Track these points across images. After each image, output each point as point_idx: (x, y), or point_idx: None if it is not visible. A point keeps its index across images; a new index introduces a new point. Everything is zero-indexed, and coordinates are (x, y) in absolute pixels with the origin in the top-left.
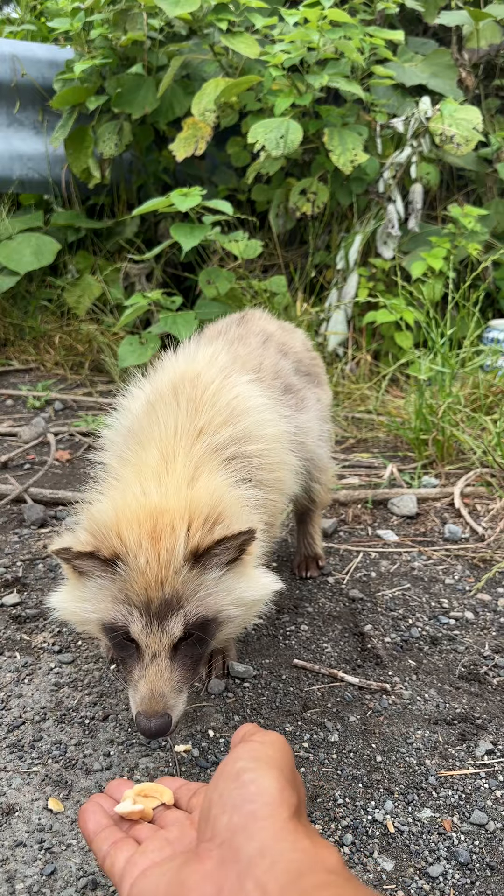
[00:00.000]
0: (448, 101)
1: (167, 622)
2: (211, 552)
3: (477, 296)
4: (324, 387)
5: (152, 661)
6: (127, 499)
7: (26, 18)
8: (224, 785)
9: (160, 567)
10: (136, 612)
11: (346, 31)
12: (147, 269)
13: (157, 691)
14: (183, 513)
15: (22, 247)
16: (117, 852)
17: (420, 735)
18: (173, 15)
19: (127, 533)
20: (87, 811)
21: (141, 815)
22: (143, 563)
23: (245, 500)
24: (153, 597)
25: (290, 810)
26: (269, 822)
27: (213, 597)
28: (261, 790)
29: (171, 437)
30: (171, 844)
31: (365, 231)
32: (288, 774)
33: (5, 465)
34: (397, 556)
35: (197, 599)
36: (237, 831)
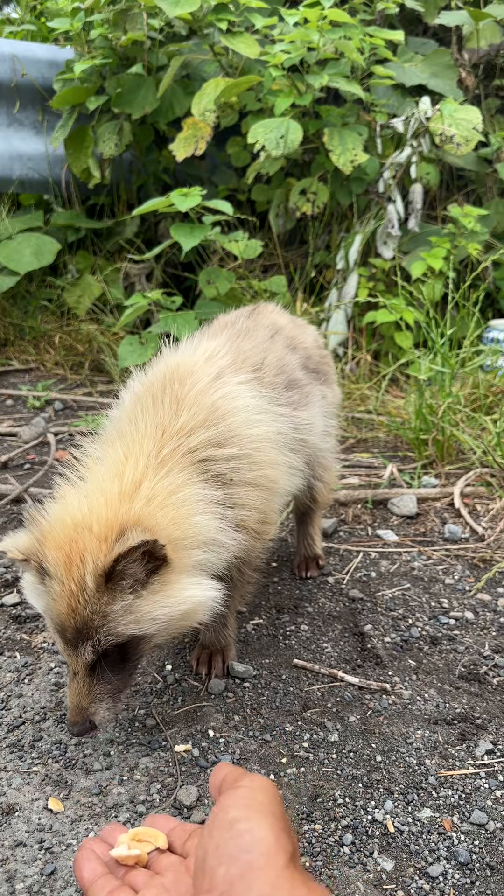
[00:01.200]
0: (448, 101)
1: (80, 647)
2: (116, 572)
3: (477, 296)
4: (332, 385)
5: (73, 677)
6: (64, 509)
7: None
8: (219, 835)
9: (70, 596)
10: (56, 634)
11: (346, 31)
12: (147, 269)
13: (74, 704)
14: (99, 536)
15: (22, 247)
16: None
17: (420, 735)
18: (173, 15)
19: (51, 555)
20: (81, 858)
21: (136, 861)
22: (58, 590)
23: (209, 503)
24: (67, 624)
25: (286, 858)
26: (266, 872)
27: (123, 625)
28: (256, 840)
29: (141, 437)
30: (167, 892)
31: (365, 231)
32: (281, 821)
33: (5, 465)
34: (397, 556)
35: (105, 629)
36: (235, 882)
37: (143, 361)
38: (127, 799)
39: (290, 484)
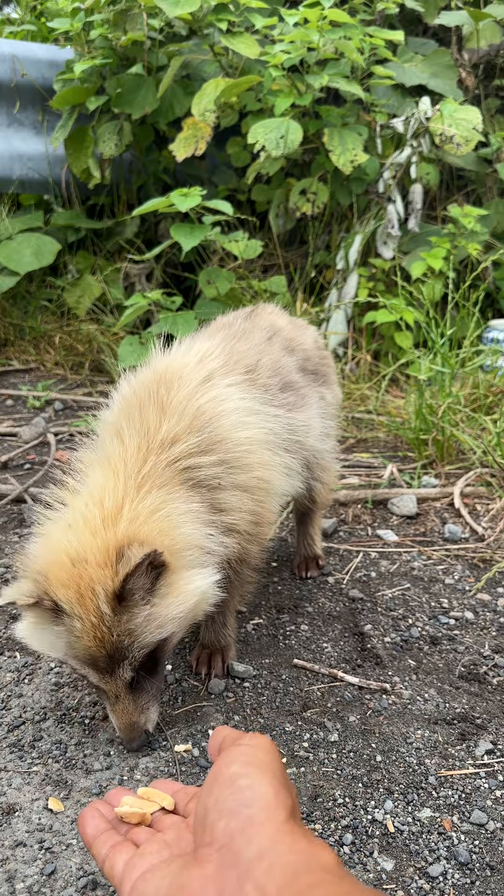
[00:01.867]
0: (448, 102)
1: (117, 671)
2: (126, 590)
3: (477, 296)
4: (332, 386)
5: (116, 700)
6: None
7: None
8: (219, 791)
9: (95, 629)
10: (87, 667)
11: (346, 32)
12: (147, 270)
13: (127, 723)
14: (100, 564)
15: (22, 247)
16: (116, 855)
17: (420, 735)
18: (173, 15)
19: (60, 592)
20: (85, 816)
21: (140, 819)
22: (80, 626)
23: (192, 512)
24: (97, 655)
25: (285, 813)
26: (266, 826)
27: (150, 634)
28: (256, 795)
29: (125, 454)
30: (168, 847)
31: (365, 231)
32: (280, 777)
33: (5, 465)
34: (397, 556)
35: (137, 644)
36: (235, 835)
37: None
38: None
39: (287, 485)
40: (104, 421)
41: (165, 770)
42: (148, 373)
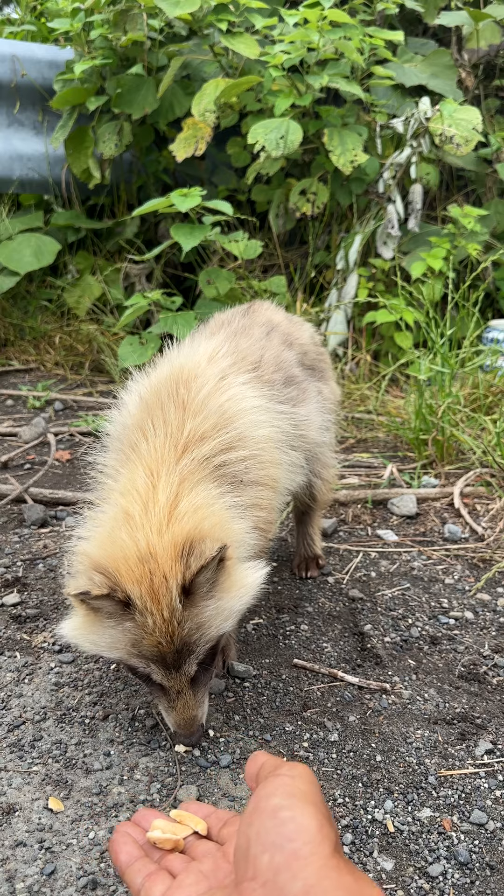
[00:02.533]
0: (448, 102)
1: (183, 667)
2: (195, 584)
3: (477, 296)
4: (329, 382)
5: (178, 696)
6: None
7: (26, 19)
8: (261, 823)
9: (165, 624)
10: (153, 664)
11: (346, 32)
12: (147, 270)
13: (188, 718)
14: (170, 559)
15: (22, 247)
16: (152, 885)
17: (420, 735)
18: (173, 15)
19: (130, 588)
20: (118, 842)
21: (173, 845)
22: (151, 623)
23: (232, 508)
24: (166, 651)
25: (330, 847)
26: (312, 861)
27: (214, 628)
28: (300, 828)
29: (158, 452)
30: (206, 878)
31: (365, 231)
32: (323, 810)
33: (5, 465)
34: (397, 555)
35: (203, 639)
36: (280, 871)
37: (143, 362)
38: (127, 799)
39: (291, 482)
40: (121, 423)
41: (165, 770)
42: (163, 373)
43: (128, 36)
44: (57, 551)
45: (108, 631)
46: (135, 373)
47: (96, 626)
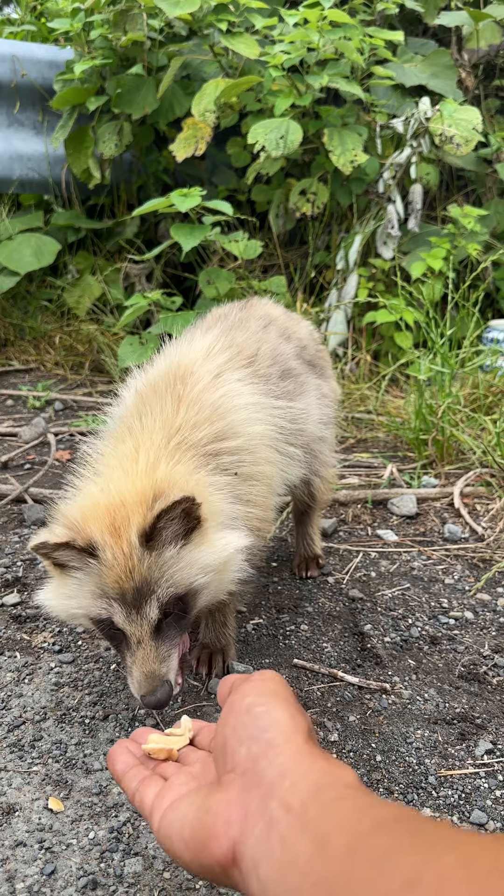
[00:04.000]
0: (448, 102)
1: (143, 609)
2: (157, 528)
3: (477, 296)
4: (329, 380)
5: (138, 646)
6: (90, 495)
7: (26, 19)
8: (236, 719)
9: (125, 558)
10: (115, 604)
11: (346, 32)
12: (147, 270)
13: (148, 671)
14: (136, 503)
15: (22, 247)
16: (146, 788)
17: (420, 735)
18: (173, 15)
19: (93, 528)
20: (115, 753)
21: (167, 755)
22: (111, 557)
23: (216, 486)
24: (126, 588)
25: (303, 735)
26: (286, 748)
27: (179, 573)
28: (274, 720)
29: (149, 432)
30: (195, 778)
31: (365, 231)
32: (294, 704)
33: (5, 465)
34: (397, 556)
35: (164, 581)
36: (257, 759)
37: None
38: (127, 799)
39: (288, 478)
40: (116, 415)
41: None
42: (159, 368)
43: (128, 36)
44: None
45: (74, 583)
46: (133, 370)
47: (65, 583)
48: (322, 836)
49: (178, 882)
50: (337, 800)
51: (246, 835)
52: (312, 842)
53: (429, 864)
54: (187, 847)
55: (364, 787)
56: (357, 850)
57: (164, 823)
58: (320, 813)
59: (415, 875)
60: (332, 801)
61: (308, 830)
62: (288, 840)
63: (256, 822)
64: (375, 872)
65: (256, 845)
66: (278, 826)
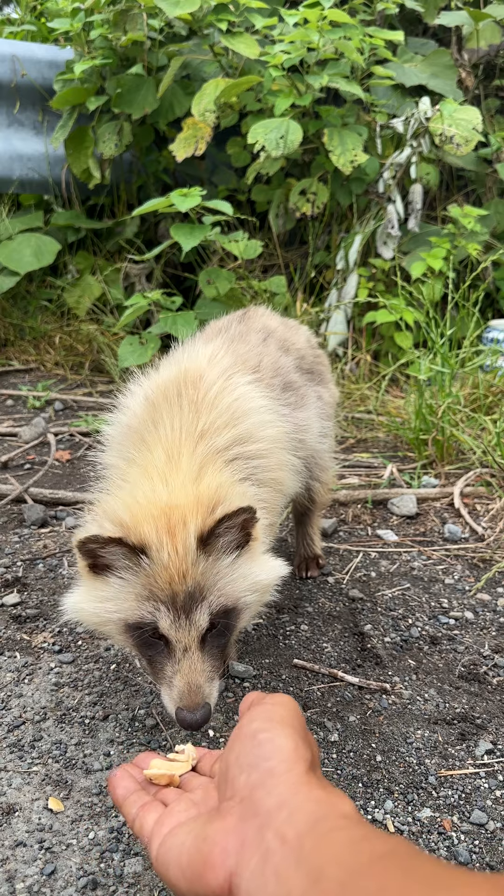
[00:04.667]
0: (448, 102)
1: (193, 615)
2: (215, 533)
3: (477, 296)
4: (328, 385)
5: (184, 654)
6: (139, 496)
7: (26, 19)
8: (240, 746)
9: (180, 560)
10: (162, 607)
11: (346, 32)
12: (147, 270)
13: (194, 684)
14: (192, 507)
15: (22, 247)
16: (146, 814)
17: (420, 735)
18: (173, 15)
19: (146, 528)
20: (116, 777)
21: (168, 781)
22: (166, 557)
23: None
24: (178, 591)
25: (305, 765)
26: (286, 778)
27: (231, 584)
28: (276, 748)
29: (176, 438)
30: (196, 806)
31: (365, 231)
32: (301, 732)
33: (5, 465)
34: (397, 556)
35: (217, 589)
36: (256, 788)
37: (143, 362)
38: None
39: (294, 485)
40: (124, 423)
41: None
42: (166, 375)
43: (128, 36)
44: (57, 551)
45: (116, 584)
46: (135, 376)
47: (101, 585)
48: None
49: None
50: (333, 830)
51: (242, 867)
52: (307, 876)
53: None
54: (184, 875)
55: (360, 818)
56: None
57: (163, 850)
58: (316, 846)
59: None
60: (328, 832)
61: (303, 864)
62: (282, 874)
63: (252, 854)
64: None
65: (252, 879)
66: (273, 859)
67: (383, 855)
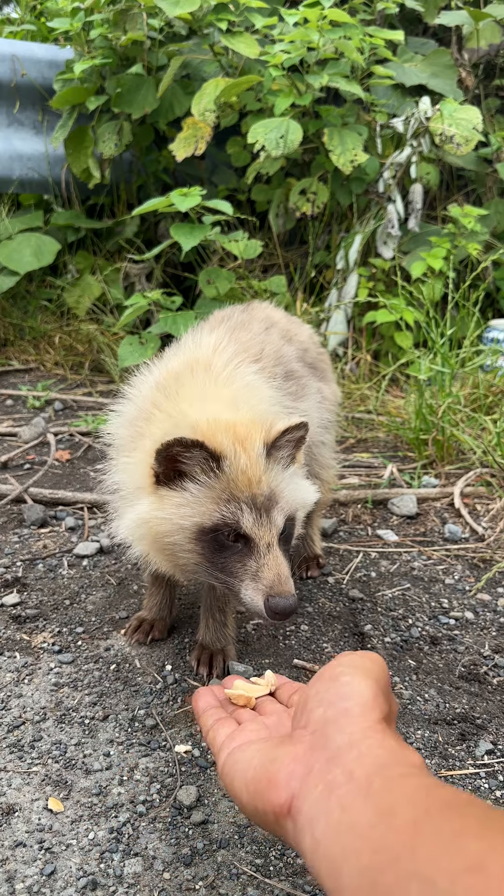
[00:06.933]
0: (448, 101)
1: (272, 514)
2: (277, 445)
3: (477, 296)
4: (329, 383)
5: (268, 550)
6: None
7: (26, 18)
8: (322, 684)
9: (255, 467)
10: (245, 507)
11: (346, 31)
12: (147, 269)
13: (283, 574)
14: (252, 423)
15: (22, 247)
16: (220, 727)
17: (420, 735)
18: (173, 15)
19: (221, 437)
20: (200, 693)
21: (246, 702)
22: (244, 462)
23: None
24: (257, 493)
25: (380, 714)
26: (360, 720)
27: (293, 493)
28: (355, 691)
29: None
30: (268, 728)
31: (365, 231)
32: (383, 686)
33: (5, 465)
34: (397, 556)
35: (286, 495)
36: (329, 723)
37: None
38: (127, 799)
39: None
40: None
41: (165, 770)
42: (175, 363)
43: (128, 35)
44: (56, 551)
45: (193, 489)
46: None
47: (175, 494)
48: (386, 807)
49: (178, 882)
50: (403, 776)
51: (305, 792)
52: (375, 811)
53: (496, 851)
54: (247, 789)
55: (428, 771)
56: (423, 826)
57: (230, 762)
58: (385, 786)
59: (480, 860)
60: (398, 776)
61: (371, 799)
62: (348, 805)
63: (317, 783)
64: (441, 851)
65: (315, 805)
66: (338, 791)
67: (459, 802)
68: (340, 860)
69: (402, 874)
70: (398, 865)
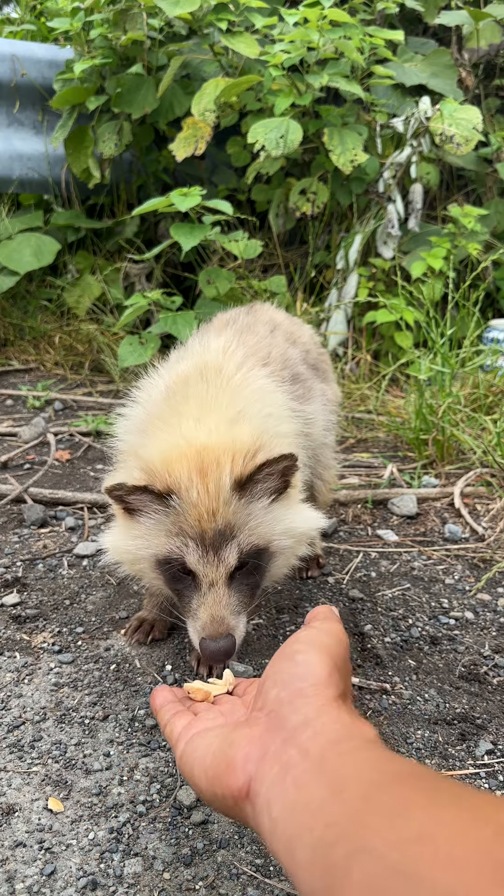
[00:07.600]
0: (448, 101)
1: (222, 552)
2: (255, 479)
3: (477, 296)
4: (331, 384)
5: (210, 588)
6: (172, 439)
7: (26, 18)
8: (279, 664)
9: (210, 499)
10: (191, 543)
11: (346, 31)
12: (147, 269)
13: (217, 615)
14: (227, 447)
15: (22, 247)
16: (177, 720)
17: (420, 735)
18: (173, 15)
19: (177, 468)
20: (158, 691)
21: (204, 697)
22: (195, 496)
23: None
24: (207, 528)
25: (335, 691)
26: (314, 700)
27: (264, 526)
28: (310, 671)
29: (211, 393)
30: (223, 716)
31: (365, 231)
32: (339, 662)
33: (5, 465)
34: (397, 556)
35: (248, 529)
36: (284, 704)
37: (142, 361)
38: (127, 799)
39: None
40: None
41: (165, 770)
42: (185, 366)
43: (128, 35)
44: (56, 551)
45: (146, 523)
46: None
47: (134, 525)
48: (338, 783)
49: (178, 882)
50: (355, 750)
51: (262, 774)
52: (327, 787)
53: (442, 820)
54: (206, 775)
55: (382, 743)
56: (373, 799)
57: (189, 750)
58: (338, 761)
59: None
60: (351, 751)
61: (324, 777)
62: (302, 784)
63: (273, 764)
64: (389, 822)
65: (271, 786)
66: (293, 770)
67: (408, 775)
68: (295, 838)
69: (353, 848)
70: (348, 839)
